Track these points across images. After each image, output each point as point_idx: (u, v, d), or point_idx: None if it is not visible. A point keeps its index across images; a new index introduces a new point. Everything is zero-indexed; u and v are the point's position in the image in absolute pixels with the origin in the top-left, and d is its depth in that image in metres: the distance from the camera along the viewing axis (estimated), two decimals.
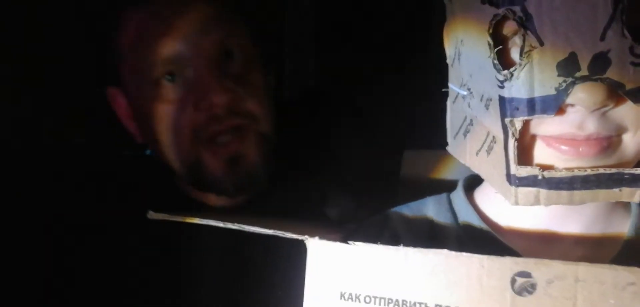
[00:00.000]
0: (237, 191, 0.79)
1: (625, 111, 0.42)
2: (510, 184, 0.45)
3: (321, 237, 0.47)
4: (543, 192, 0.44)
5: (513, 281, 0.41)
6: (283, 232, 0.48)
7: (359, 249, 0.46)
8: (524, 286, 0.41)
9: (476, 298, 0.41)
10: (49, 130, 1.06)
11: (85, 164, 0.95)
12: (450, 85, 0.53)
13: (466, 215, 0.56)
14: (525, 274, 0.41)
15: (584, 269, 0.40)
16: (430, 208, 0.58)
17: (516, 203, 0.45)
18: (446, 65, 0.54)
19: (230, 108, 0.76)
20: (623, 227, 0.52)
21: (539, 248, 0.52)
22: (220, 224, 0.50)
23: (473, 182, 0.58)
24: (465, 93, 0.48)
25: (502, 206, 0.53)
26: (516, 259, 0.41)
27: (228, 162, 0.77)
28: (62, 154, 0.98)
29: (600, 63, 0.39)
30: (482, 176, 0.50)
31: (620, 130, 0.44)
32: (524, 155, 0.45)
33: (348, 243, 0.46)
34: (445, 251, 0.43)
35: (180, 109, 0.77)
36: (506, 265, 0.41)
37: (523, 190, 0.44)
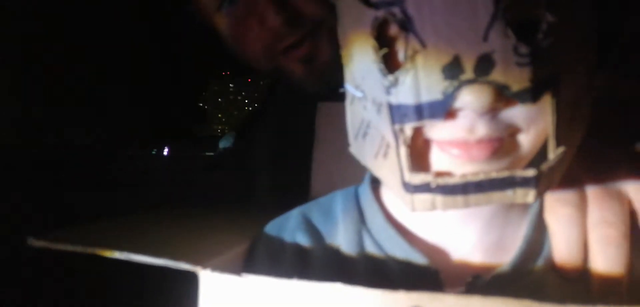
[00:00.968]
0: (316, 85, 0.88)
1: (515, 112, 0.40)
2: (406, 191, 0.43)
3: (213, 269, 0.44)
4: (439, 198, 0.42)
5: None
6: (175, 262, 0.45)
7: (250, 281, 0.43)
8: None
9: None
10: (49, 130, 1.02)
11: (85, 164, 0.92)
12: (346, 85, 0.50)
13: (372, 215, 0.53)
14: None
15: (477, 303, 0.38)
16: (339, 206, 0.56)
17: (414, 210, 0.43)
18: None
19: (290, 22, 0.83)
20: (522, 223, 0.51)
21: (441, 250, 0.51)
22: (107, 254, 0.46)
23: None
24: (360, 95, 0.45)
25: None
26: (410, 294, 0.39)
27: (304, 63, 0.87)
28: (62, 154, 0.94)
29: (484, 65, 0.36)
30: (382, 180, 0.47)
31: (512, 131, 0.41)
32: (420, 160, 0.43)
33: (240, 275, 0.43)
34: (338, 285, 0.40)
35: (248, 29, 0.86)
36: (401, 300, 0.39)
37: (419, 196, 0.42)
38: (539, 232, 0.50)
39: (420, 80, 0.38)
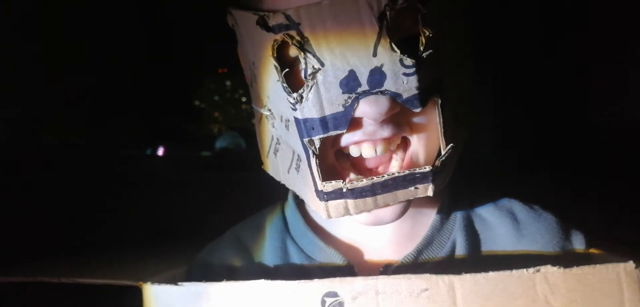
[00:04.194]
0: None
1: (408, 117, 0.45)
2: (320, 199, 0.46)
3: (153, 281, 0.48)
4: (350, 202, 0.46)
5: (323, 302, 0.43)
6: (117, 280, 0.49)
7: (187, 289, 0.46)
8: (333, 305, 0.42)
9: None
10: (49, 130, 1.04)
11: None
12: (253, 105, 0.53)
13: (295, 223, 0.57)
14: (332, 294, 0.43)
15: (383, 282, 0.42)
16: (267, 220, 0.60)
17: (329, 216, 0.47)
18: None
19: None
20: (431, 215, 0.55)
21: (357, 248, 0.55)
22: (52, 280, 0.50)
23: None
24: (267, 113, 0.49)
25: None
26: (324, 280, 0.43)
27: None
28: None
29: (376, 77, 0.41)
30: (297, 192, 0.51)
31: (413, 129, 0.46)
32: (330, 170, 0.47)
33: (177, 284, 0.47)
34: (261, 281, 0.44)
35: None
36: (316, 287, 0.43)
37: (332, 203, 0.46)
38: (446, 222, 0.55)
39: (322, 95, 0.42)
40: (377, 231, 0.54)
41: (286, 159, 0.49)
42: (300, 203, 0.59)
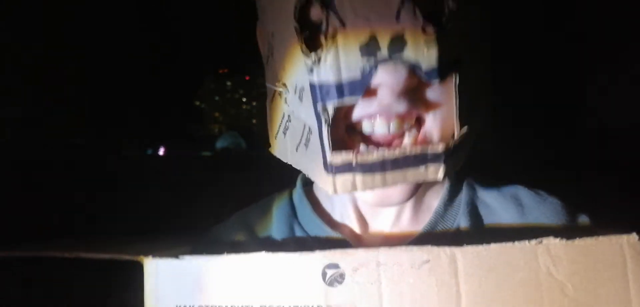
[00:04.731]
0: None
1: (425, 92, 0.45)
2: (328, 172, 0.46)
3: (155, 255, 0.48)
4: (358, 177, 0.45)
5: (324, 274, 0.43)
6: (119, 255, 0.49)
7: (188, 262, 0.46)
8: (334, 277, 0.42)
9: (294, 295, 0.43)
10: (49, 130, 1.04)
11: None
12: (267, 84, 0.53)
13: (302, 209, 0.58)
14: (334, 266, 0.42)
15: (384, 254, 0.42)
16: (274, 204, 0.60)
17: (335, 191, 0.46)
18: None
19: None
20: (434, 201, 0.55)
21: (361, 235, 0.55)
22: (53, 254, 0.50)
23: None
24: (281, 89, 0.49)
25: (334, 199, 0.56)
26: (325, 252, 0.43)
27: None
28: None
29: (397, 44, 0.41)
30: (304, 171, 0.51)
31: (428, 107, 0.46)
32: (340, 144, 0.46)
33: (178, 258, 0.47)
34: (263, 254, 0.44)
35: None
36: (317, 259, 0.43)
37: (340, 177, 0.45)
38: (450, 208, 0.55)
39: (341, 59, 0.42)
40: (382, 216, 0.54)
41: (296, 135, 0.49)
42: (308, 191, 0.59)
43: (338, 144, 0.46)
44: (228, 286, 0.45)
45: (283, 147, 0.51)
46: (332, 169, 0.45)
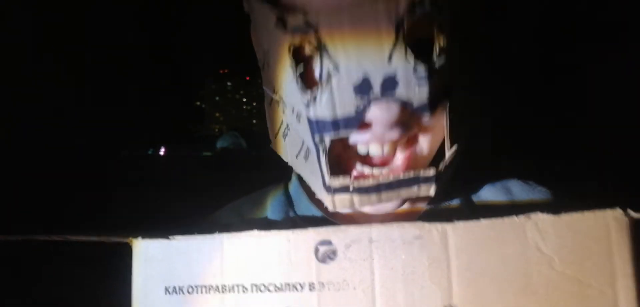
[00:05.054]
0: None
1: (416, 121, 0.46)
2: (327, 192, 0.47)
3: (144, 236, 0.47)
4: (356, 197, 0.47)
5: (316, 250, 0.43)
6: (107, 237, 0.48)
7: (178, 242, 0.46)
8: (326, 253, 0.43)
9: (286, 272, 0.43)
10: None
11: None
12: (264, 87, 0.54)
13: (299, 199, 0.58)
14: (326, 242, 0.43)
15: (376, 230, 0.42)
16: (269, 196, 0.60)
17: (334, 208, 0.48)
18: None
19: None
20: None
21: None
22: (40, 237, 0.49)
23: None
24: (278, 99, 0.50)
25: None
26: (318, 229, 0.43)
27: None
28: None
29: (389, 84, 0.42)
30: (304, 178, 0.52)
31: (420, 130, 0.48)
32: (339, 164, 0.48)
33: (167, 238, 0.46)
34: (255, 232, 0.44)
35: None
36: (309, 236, 0.43)
37: (339, 197, 0.47)
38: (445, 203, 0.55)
39: (335, 98, 0.43)
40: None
41: (295, 145, 0.50)
42: (304, 183, 0.59)
43: (334, 159, 0.47)
44: (218, 266, 0.45)
45: (283, 149, 0.53)
46: (331, 190, 0.47)
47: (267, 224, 0.56)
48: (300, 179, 0.59)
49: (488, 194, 0.57)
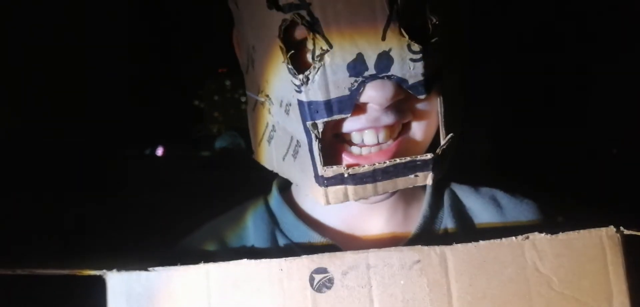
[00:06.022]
0: None
1: (411, 104, 0.45)
2: (320, 185, 0.45)
3: (119, 269, 0.44)
4: (350, 188, 0.45)
5: (312, 279, 0.41)
6: (79, 271, 0.44)
7: (159, 274, 0.43)
8: (322, 282, 0.41)
9: (279, 303, 0.41)
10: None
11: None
12: (247, 93, 0.52)
13: (283, 216, 0.55)
14: (322, 270, 0.41)
15: (374, 256, 0.41)
16: (249, 214, 0.57)
17: (327, 203, 0.45)
18: None
19: None
20: (421, 203, 0.55)
21: (352, 236, 0.53)
22: (9, 272, 0.45)
23: (288, 181, 0.57)
24: (263, 100, 0.48)
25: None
26: (312, 256, 0.41)
27: None
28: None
29: (384, 61, 0.41)
30: (292, 180, 0.49)
31: (414, 115, 0.46)
32: (330, 155, 0.46)
33: (147, 270, 0.43)
34: (244, 261, 0.42)
35: None
36: (304, 264, 0.41)
37: (332, 189, 0.45)
38: (436, 211, 0.55)
39: (329, 78, 0.41)
40: (370, 220, 0.53)
41: (282, 146, 0.47)
42: (286, 196, 0.57)
43: (325, 151, 0.45)
44: (205, 297, 0.42)
45: (268, 156, 0.50)
46: (324, 182, 0.45)
47: (255, 254, 0.53)
48: (282, 190, 0.57)
49: (475, 204, 0.56)
